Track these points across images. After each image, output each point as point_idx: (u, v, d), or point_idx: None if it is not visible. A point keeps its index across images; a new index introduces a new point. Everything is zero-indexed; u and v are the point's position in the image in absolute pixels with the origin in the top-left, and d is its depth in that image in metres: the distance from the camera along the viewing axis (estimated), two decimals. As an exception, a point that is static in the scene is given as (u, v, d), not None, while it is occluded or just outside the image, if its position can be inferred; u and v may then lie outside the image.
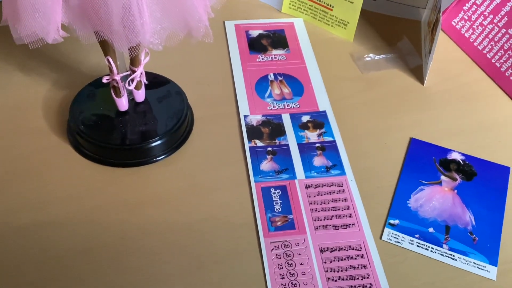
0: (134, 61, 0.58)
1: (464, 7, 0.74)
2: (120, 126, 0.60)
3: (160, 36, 0.50)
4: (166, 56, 0.71)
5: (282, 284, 0.50)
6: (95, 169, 0.59)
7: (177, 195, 0.57)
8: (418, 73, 0.72)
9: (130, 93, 0.61)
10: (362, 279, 0.51)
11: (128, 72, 0.59)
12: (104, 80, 0.58)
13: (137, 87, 0.61)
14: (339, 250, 0.53)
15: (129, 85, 0.59)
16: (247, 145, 0.62)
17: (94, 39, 0.50)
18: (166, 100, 0.64)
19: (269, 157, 0.61)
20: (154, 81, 0.65)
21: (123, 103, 0.60)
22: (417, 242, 0.54)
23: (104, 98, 0.62)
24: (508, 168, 0.61)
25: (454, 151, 0.63)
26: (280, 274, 0.51)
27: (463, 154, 0.62)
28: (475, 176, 0.60)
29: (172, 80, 0.66)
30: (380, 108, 0.68)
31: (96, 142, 0.59)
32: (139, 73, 0.59)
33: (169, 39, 0.51)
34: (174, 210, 0.56)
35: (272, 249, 0.53)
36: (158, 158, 0.60)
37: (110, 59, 0.56)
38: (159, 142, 0.60)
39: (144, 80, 0.61)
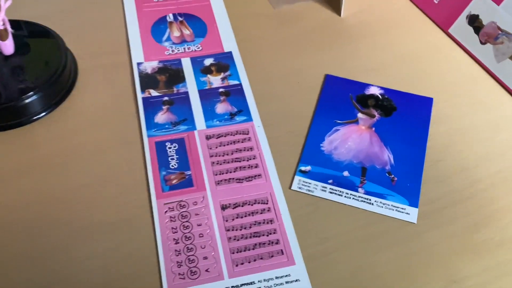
0: (-11, 6, 0.49)
1: None
2: (-14, 84, 0.52)
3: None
4: (44, 0, 0.62)
5: (176, 250, 0.44)
6: (-41, 137, 0.51)
7: (59, 159, 0.50)
8: (335, 4, 0.65)
9: (-4, 45, 0.52)
10: (268, 235, 0.45)
11: (-15, 20, 0.50)
12: (-44, 30, 0.49)
13: (1, 37, 0.52)
14: (242, 206, 0.47)
15: (-12, 34, 0.50)
16: (139, 96, 0.55)
17: None
18: (42, 50, 0.55)
19: (165, 107, 0.54)
20: (26, 30, 0.56)
21: (-15, 57, 0.52)
22: (330, 189, 0.48)
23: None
24: (431, 99, 0.56)
25: (372, 85, 0.57)
26: (174, 239, 0.45)
27: (382, 88, 0.56)
28: (395, 111, 0.55)
29: (49, 27, 0.57)
30: (294, 46, 0.61)
31: (-43, 105, 0.50)
32: (0, 20, 0.50)
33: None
34: (56, 176, 0.48)
35: (166, 211, 0.46)
36: (39, 116, 0.52)
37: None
38: (35, 97, 0.51)
39: (9, 28, 0.52)
